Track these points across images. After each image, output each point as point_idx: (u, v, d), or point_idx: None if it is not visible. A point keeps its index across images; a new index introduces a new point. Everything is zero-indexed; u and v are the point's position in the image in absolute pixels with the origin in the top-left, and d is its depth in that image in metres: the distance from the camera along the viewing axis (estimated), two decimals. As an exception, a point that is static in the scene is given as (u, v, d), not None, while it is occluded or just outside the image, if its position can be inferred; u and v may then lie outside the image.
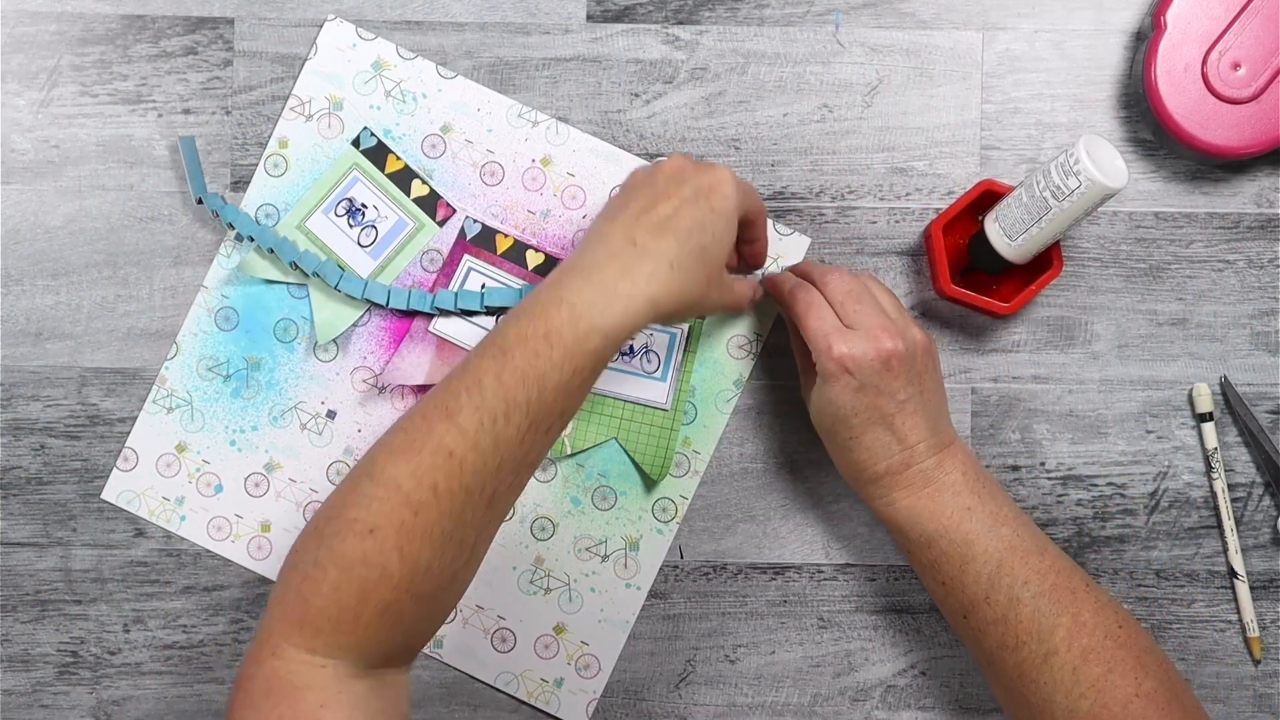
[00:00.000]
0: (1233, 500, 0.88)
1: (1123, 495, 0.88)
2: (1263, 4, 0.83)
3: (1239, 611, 0.88)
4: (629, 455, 0.87)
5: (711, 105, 0.88)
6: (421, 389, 0.87)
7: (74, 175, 0.87)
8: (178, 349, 0.87)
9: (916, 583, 0.88)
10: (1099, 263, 0.88)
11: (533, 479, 0.87)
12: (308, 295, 0.87)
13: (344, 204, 0.87)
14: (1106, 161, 0.77)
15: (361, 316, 0.87)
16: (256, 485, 0.88)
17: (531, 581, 0.87)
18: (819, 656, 0.88)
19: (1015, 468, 0.88)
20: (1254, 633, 0.87)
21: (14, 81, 0.87)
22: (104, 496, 0.87)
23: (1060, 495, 0.88)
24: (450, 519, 0.69)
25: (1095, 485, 0.88)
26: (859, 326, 0.78)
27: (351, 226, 0.87)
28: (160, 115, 0.87)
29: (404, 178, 0.87)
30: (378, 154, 0.87)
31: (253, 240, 0.85)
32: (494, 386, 0.69)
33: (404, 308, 0.86)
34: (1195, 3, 0.84)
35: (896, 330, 0.77)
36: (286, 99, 0.87)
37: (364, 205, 0.87)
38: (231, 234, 0.87)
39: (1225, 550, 0.88)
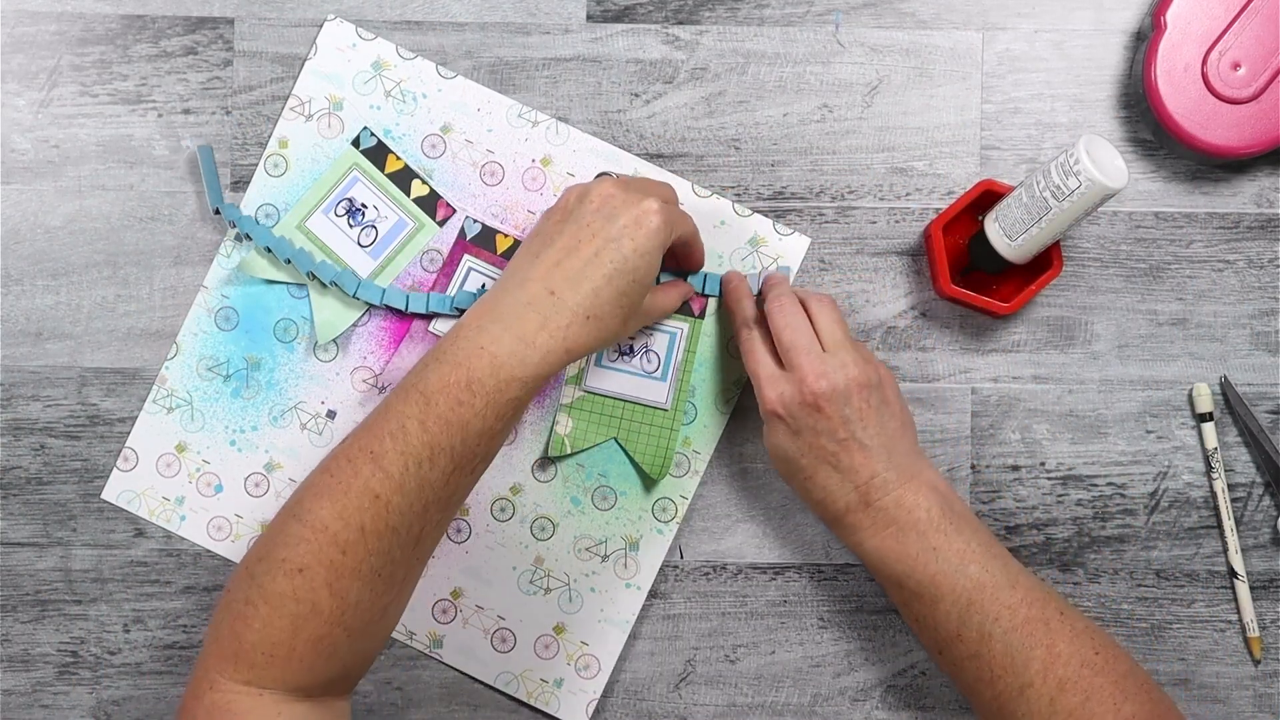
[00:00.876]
0: (1233, 500, 0.88)
1: (1123, 495, 0.88)
2: (1263, 4, 0.83)
3: (1239, 611, 0.88)
4: (629, 455, 0.87)
5: (711, 105, 0.88)
6: None
7: (74, 175, 0.87)
8: (178, 349, 0.87)
9: (916, 583, 0.88)
10: (1099, 263, 0.88)
11: (533, 479, 0.87)
12: (308, 295, 0.87)
13: (344, 204, 0.87)
14: (1106, 161, 0.77)
15: (361, 317, 0.87)
16: (257, 485, 0.88)
17: (531, 581, 0.87)
18: (819, 656, 0.88)
19: (1015, 468, 0.88)
20: (1254, 633, 0.87)
21: (14, 81, 0.87)
22: (104, 496, 0.87)
23: (1060, 495, 0.88)
24: (378, 557, 0.72)
25: (1095, 485, 0.88)
26: (791, 368, 0.79)
27: (351, 226, 0.87)
28: (160, 115, 0.87)
29: (404, 178, 0.87)
30: (378, 154, 0.87)
31: (269, 250, 0.85)
32: (418, 432, 0.72)
33: (424, 311, 0.86)
34: (1195, 3, 0.84)
35: (824, 370, 0.78)
36: (286, 99, 0.87)
37: (364, 205, 0.87)
38: (232, 234, 0.87)
39: (1225, 550, 0.88)
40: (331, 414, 0.87)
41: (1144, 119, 0.87)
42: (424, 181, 0.87)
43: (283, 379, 0.87)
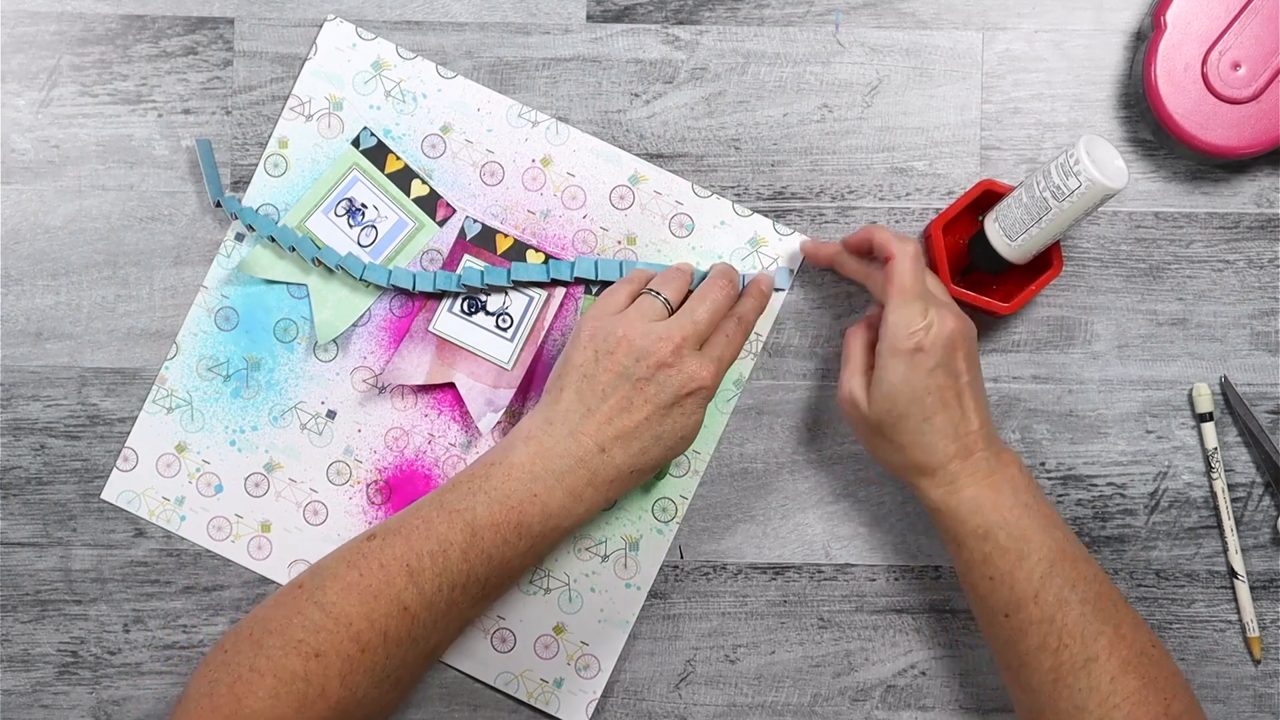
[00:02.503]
0: (1233, 500, 0.88)
1: (1123, 495, 0.88)
2: (1263, 4, 0.83)
3: (1239, 611, 0.88)
4: None
5: (711, 105, 0.88)
6: (421, 389, 0.87)
7: (74, 175, 0.87)
8: (177, 349, 0.87)
9: (917, 583, 0.88)
10: (1099, 263, 0.88)
11: None
12: (307, 295, 0.87)
13: (344, 204, 0.87)
14: (1107, 162, 0.77)
15: (361, 316, 0.87)
16: (257, 485, 0.88)
17: (531, 582, 0.87)
18: (819, 656, 0.88)
19: (1015, 468, 0.88)
20: (1254, 633, 0.87)
21: (14, 81, 0.87)
22: (104, 497, 0.87)
23: (1060, 495, 0.88)
24: (393, 661, 0.75)
25: (1095, 485, 0.88)
26: (933, 304, 0.78)
27: (351, 226, 0.87)
28: (160, 115, 0.87)
29: (404, 177, 0.87)
30: (378, 154, 0.87)
31: (273, 240, 0.85)
32: (459, 560, 0.76)
33: (431, 289, 0.86)
34: (1195, 3, 0.84)
35: (959, 313, 0.79)
36: (286, 99, 0.87)
37: (364, 205, 0.87)
38: (231, 234, 0.87)
39: (1225, 550, 0.88)
40: (331, 414, 0.87)
41: (1144, 119, 0.87)
42: (424, 181, 0.87)
43: (283, 379, 0.87)
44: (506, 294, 0.87)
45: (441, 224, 0.88)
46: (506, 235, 0.87)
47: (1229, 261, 0.88)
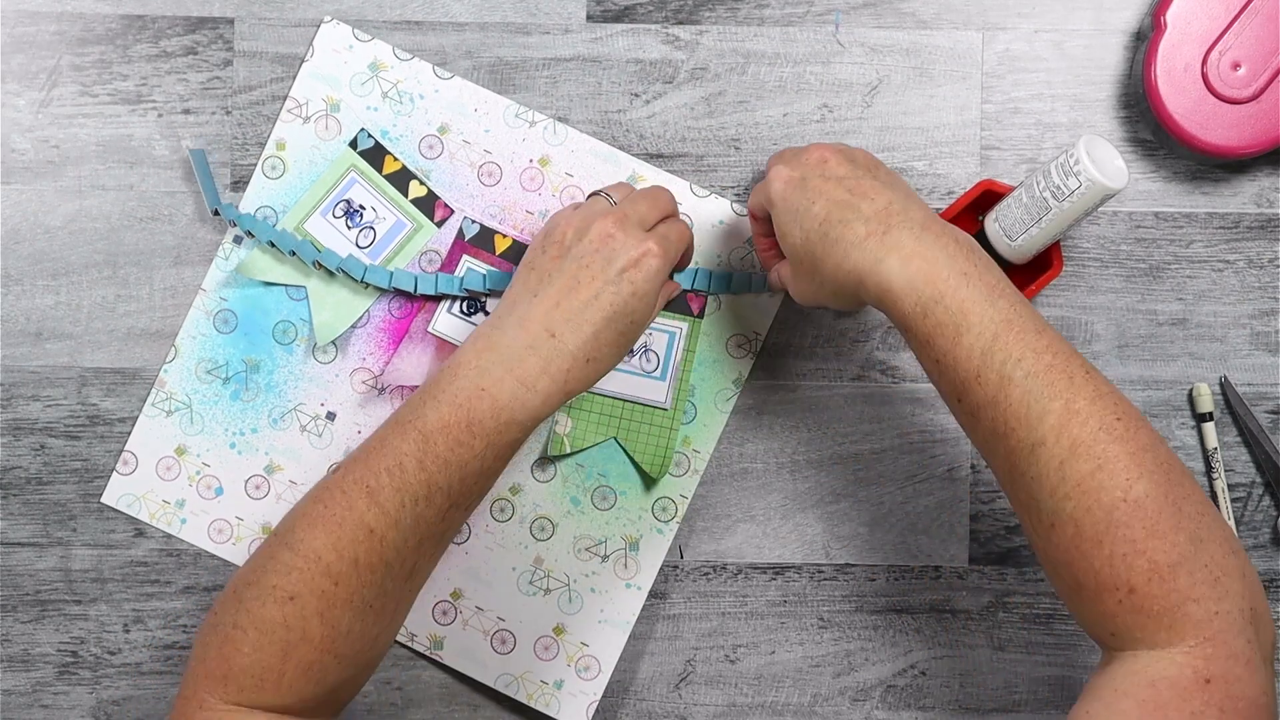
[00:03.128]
0: (1233, 500, 0.88)
1: (1123, 495, 0.88)
2: (1263, 4, 0.83)
3: (1239, 612, 0.88)
4: (628, 455, 0.87)
5: (711, 105, 0.88)
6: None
7: (74, 175, 0.87)
8: (176, 352, 0.87)
9: (917, 583, 0.88)
10: (1099, 263, 0.88)
11: (532, 479, 0.87)
12: (306, 297, 0.87)
13: (342, 205, 0.87)
14: (1107, 162, 0.76)
15: (360, 318, 0.87)
16: (257, 487, 0.88)
17: (531, 582, 0.87)
18: (819, 656, 0.88)
19: (1015, 468, 0.88)
20: (1254, 633, 0.87)
21: (14, 81, 0.87)
22: (104, 500, 0.87)
23: (1060, 495, 0.88)
24: (370, 589, 0.72)
25: (1095, 485, 0.88)
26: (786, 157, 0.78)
27: (349, 228, 0.87)
28: (160, 115, 0.87)
29: (401, 179, 0.87)
30: (375, 155, 0.87)
31: (272, 245, 0.85)
32: (415, 470, 0.73)
33: (433, 292, 0.86)
34: (1195, 3, 0.84)
35: (821, 142, 0.78)
36: (285, 99, 0.87)
37: (362, 207, 0.87)
38: (230, 236, 0.87)
39: (1225, 550, 0.87)
40: (331, 415, 0.87)
41: (1144, 119, 0.87)
42: (422, 182, 0.87)
43: (282, 381, 0.87)
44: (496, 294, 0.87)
45: (439, 225, 0.88)
46: (505, 236, 0.87)
47: (1229, 261, 0.88)
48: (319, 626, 0.71)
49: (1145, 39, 0.86)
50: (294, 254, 0.85)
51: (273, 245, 0.85)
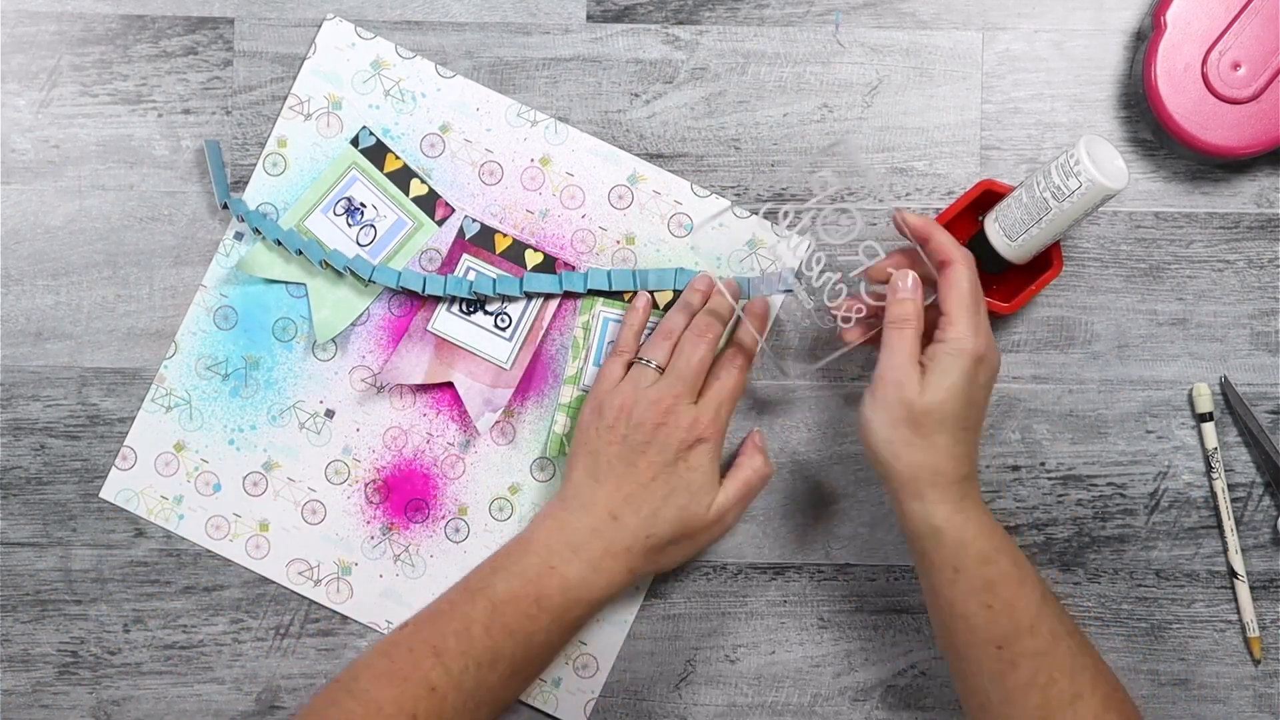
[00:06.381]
0: (1233, 500, 0.88)
1: (1123, 495, 0.88)
2: (1263, 4, 0.83)
3: (1239, 611, 0.88)
4: None
5: (711, 105, 0.88)
6: (419, 388, 0.87)
7: (74, 175, 0.87)
8: (176, 348, 0.87)
9: (917, 583, 0.88)
10: (1099, 263, 0.88)
11: (531, 478, 0.87)
12: (306, 294, 0.87)
13: (342, 203, 0.87)
14: (1107, 162, 0.76)
15: (360, 316, 0.87)
16: (255, 484, 0.88)
17: None
18: (819, 656, 0.88)
19: (1015, 468, 0.88)
20: (1254, 633, 0.87)
21: (14, 81, 0.87)
22: (103, 495, 0.87)
23: (1060, 495, 0.88)
24: None
25: (1095, 485, 0.88)
26: (979, 330, 0.76)
27: (350, 225, 0.87)
28: (160, 115, 0.87)
29: (403, 177, 0.87)
30: (377, 153, 0.87)
31: (279, 243, 0.85)
32: (482, 637, 0.77)
33: (441, 293, 0.86)
34: (1195, 3, 0.84)
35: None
36: (286, 98, 0.87)
37: (363, 204, 0.87)
38: (231, 232, 0.87)
39: (1225, 550, 0.87)
40: (330, 413, 0.87)
41: (1144, 119, 0.87)
42: (423, 181, 0.87)
43: (281, 378, 0.87)
44: (503, 297, 0.87)
45: (440, 223, 0.88)
46: (505, 235, 0.87)
47: (1229, 261, 0.88)
48: None
49: (1145, 39, 0.86)
50: (300, 253, 0.85)
51: (279, 243, 0.85)
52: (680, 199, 0.87)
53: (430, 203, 0.87)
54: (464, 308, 0.87)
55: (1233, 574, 0.87)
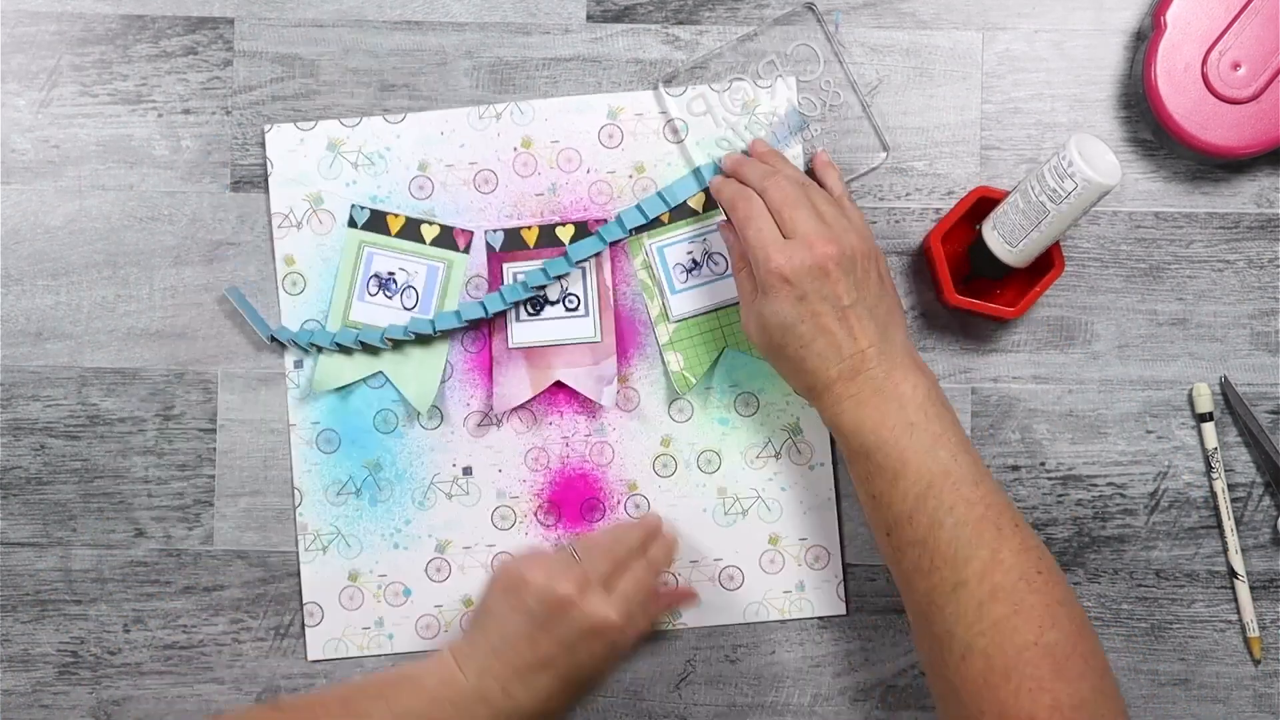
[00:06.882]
0: (1233, 500, 0.88)
1: (1123, 495, 0.88)
2: (1263, 4, 0.83)
3: (1239, 611, 0.88)
4: (746, 352, 0.87)
5: (711, 105, 0.88)
6: (533, 402, 0.87)
7: (74, 175, 0.87)
8: (301, 495, 0.87)
9: (916, 583, 0.88)
10: (1099, 263, 0.88)
11: (670, 420, 0.88)
12: (387, 380, 0.87)
13: (373, 282, 0.87)
14: (1099, 159, 0.76)
15: (444, 371, 0.87)
16: (438, 570, 0.88)
17: (726, 513, 0.87)
18: (819, 656, 0.88)
19: (1015, 468, 0.88)
20: (1254, 633, 0.87)
21: (14, 81, 0.87)
22: (310, 657, 0.87)
23: (1060, 495, 0.88)
24: None
25: (1095, 485, 0.88)
26: (796, 235, 0.76)
27: (389, 298, 0.87)
28: (160, 115, 0.87)
29: (411, 229, 0.87)
30: (377, 222, 0.87)
31: (338, 348, 0.86)
32: None
33: (503, 306, 0.86)
34: (1195, 3, 0.84)
35: (831, 236, 0.76)
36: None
37: (391, 274, 0.87)
38: (290, 364, 0.87)
39: (1225, 550, 0.88)
40: (468, 470, 0.87)
41: (1144, 119, 0.87)
42: (430, 223, 0.87)
43: (407, 465, 0.87)
44: (560, 279, 0.87)
45: (467, 250, 0.87)
46: (530, 227, 0.87)
47: (1229, 261, 0.88)
48: None
49: (1145, 39, 0.86)
50: (362, 344, 0.85)
51: (339, 348, 0.86)
52: (661, 107, 0.87)
53: (448, 238, 0.87)
54: (530, 311, 0.87)
55: (1233, 574, 0.87)
